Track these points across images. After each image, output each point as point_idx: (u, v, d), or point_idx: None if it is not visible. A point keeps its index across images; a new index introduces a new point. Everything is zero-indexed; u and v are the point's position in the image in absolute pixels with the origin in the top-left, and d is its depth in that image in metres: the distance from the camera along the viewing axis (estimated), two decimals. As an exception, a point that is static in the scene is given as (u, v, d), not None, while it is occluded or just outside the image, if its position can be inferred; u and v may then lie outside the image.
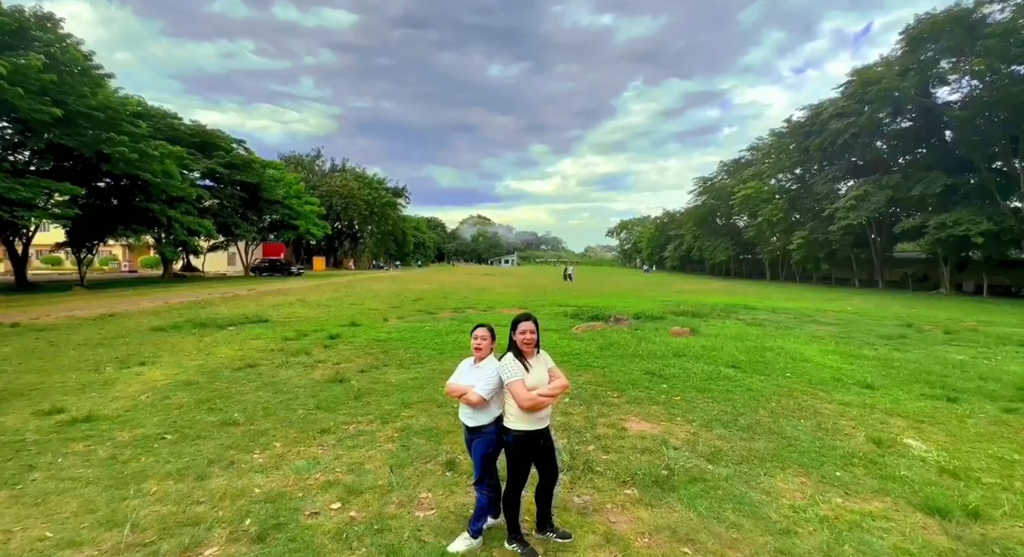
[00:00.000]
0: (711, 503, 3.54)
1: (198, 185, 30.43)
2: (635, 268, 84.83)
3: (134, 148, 20.69)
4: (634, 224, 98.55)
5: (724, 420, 5.33)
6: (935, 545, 3.02)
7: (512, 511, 3.02)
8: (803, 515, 3.38)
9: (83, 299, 17.84)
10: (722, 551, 2.99)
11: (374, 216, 61.53)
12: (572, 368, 7.52)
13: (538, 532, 3.15)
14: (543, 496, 3.13)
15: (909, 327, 13.34)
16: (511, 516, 3.02)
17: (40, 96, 17.02)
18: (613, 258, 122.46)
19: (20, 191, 16.50)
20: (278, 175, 39.68)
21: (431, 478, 3.91)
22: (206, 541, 2.99)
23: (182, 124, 30.61)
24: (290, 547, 2.91)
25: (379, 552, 2.90)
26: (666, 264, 71.41)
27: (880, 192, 30.53)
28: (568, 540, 3.05)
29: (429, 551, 2.95)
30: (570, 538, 3.07)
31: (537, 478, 3.10)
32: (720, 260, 53.80)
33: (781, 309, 17.54)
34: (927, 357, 8.97)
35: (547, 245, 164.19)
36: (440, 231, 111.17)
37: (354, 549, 2.92)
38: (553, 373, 3.05)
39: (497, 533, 3.13)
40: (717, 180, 54.30)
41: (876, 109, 30.16)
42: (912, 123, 31.54)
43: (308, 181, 52.20)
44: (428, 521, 3.29)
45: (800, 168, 41.69)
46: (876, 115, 30.59)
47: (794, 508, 3.47)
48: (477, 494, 3.07)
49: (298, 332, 10.67)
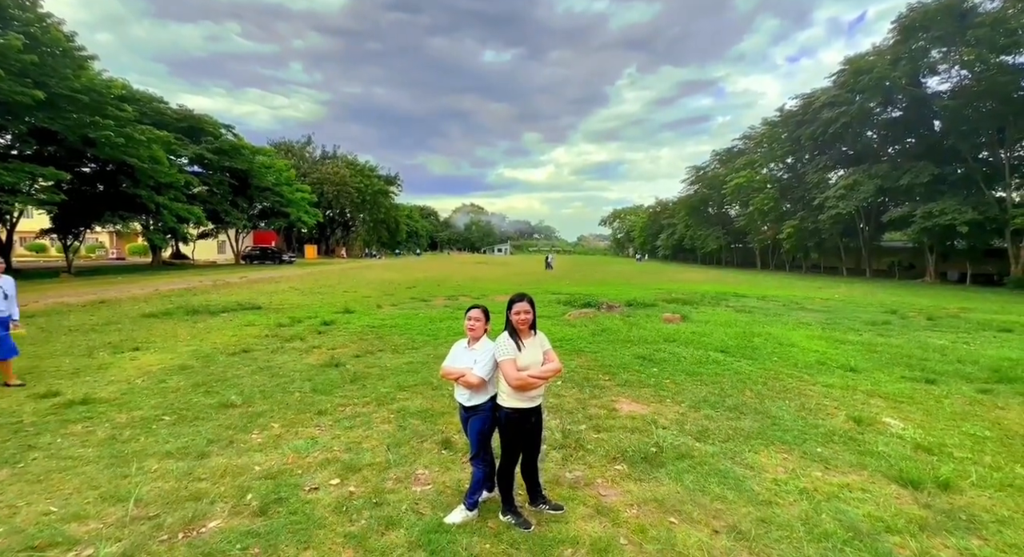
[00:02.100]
0: (697, 477, 3.69)
1: (186, 171, 29.95)
2: (628, 257, 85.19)
3: (120, 132, 20.28)
4: (627, 213, 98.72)
5: (712, 401, 5.49)
6: (906, 513, 3.19)
7: (506, 485, 3.14)
8: (784, 488, 3.54)
9: (71, 286, 17.63)
10: (707, 520, 3.13)
11: (366, 204, 60.99)
12: (565, 353, 7.65)
13: (531, 505, 3.27)
14: (528, 471, 3.26)
15: (893, 314, 13.65)
16: (505, 490, 3.14)
17: (21, 78, 16.58)
18: (606, 247, 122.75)
19: (3, 176, 16.17)
20: (268, 162, 39.11)
21: (427, 456, 4.01)
22: (209, 514, 3.07)
23: (169, 108, 29.99)
24: (291, 519, 3.00)
25: (378, 524, 3.00)
26: (658, 253, 71.82)
27: (869, 181, 30.86)
28: (560, 512, 3.18)
29: (426, 522, 3.06)
30: (562, 510, 3.19)
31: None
32: (711, 249, 54.24)
33: (770, 297, 17.82)
34: (909, 342, 9.22)
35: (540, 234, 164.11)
36: (433, 220, 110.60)
37: (354, 521, 3.02)
38: (548, 356, 3.13)
39: (492, 506, 3.25)
40: (710, 169, 54.47)
41: (867, 98, 30.35)
42: (902, 113, 31.79)
43: (299, 168, 51.46)
44: (425, 495, 3.40)
45: (792, 157, 41.97)
46: (867, 104, 30.79)
47: (776, 482, 3.63)
48: (473, 469, 3.18)
49: (292, 318, 10.68)
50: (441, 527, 3.04)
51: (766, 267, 46.96)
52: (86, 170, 23.74)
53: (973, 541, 2.93)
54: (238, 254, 39.95)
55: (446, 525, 2.99)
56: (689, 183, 58.08)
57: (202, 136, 31.78)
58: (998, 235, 27.04)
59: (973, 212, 25.08)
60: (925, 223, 26.82)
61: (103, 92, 20.27)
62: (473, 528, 3.03)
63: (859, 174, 32.09)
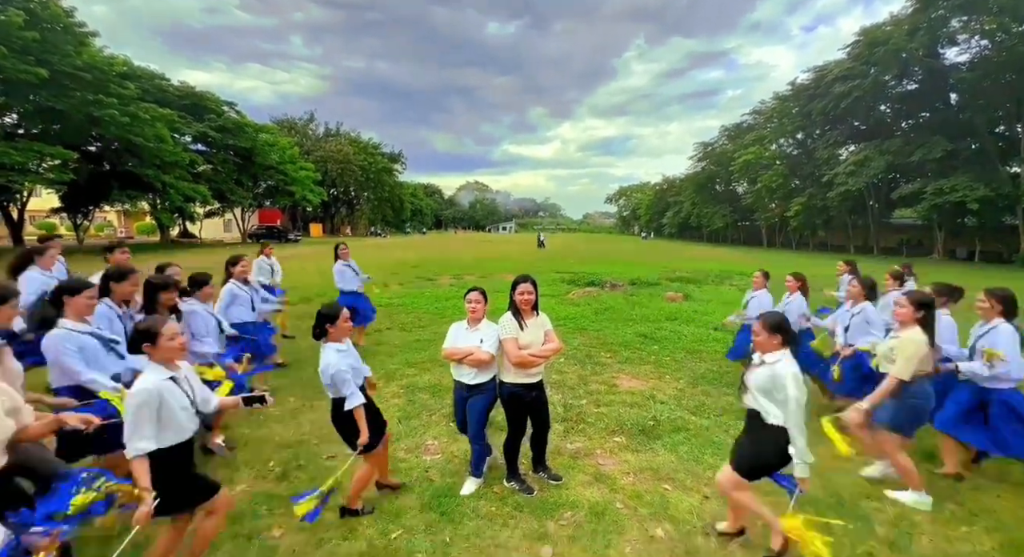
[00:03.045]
0: (692, 448, 3.90)
1: (191, 150, 29.91)
2: (634, 235, 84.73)
3: (124, 111, 20.25)
4: (633, 191, 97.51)
5: (710, 378, 5.67)
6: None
7: (511, 456, 3.36)
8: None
9: (86, 264, 17.90)
10: (699, 487, 3.35)
11: (370, 182, 60.62)
12: (568, 331, 7.84)
13: (534, 472, 3.50)
14: (538, 443, 3.47)
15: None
16: (510, 460, 3.36)
17: (23, 56, 16.50)
18: (612, 225, 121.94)
19: (13, 155, 16.31)
20: (271, 140, 38.90)
21: (436, 428, 4.25)
22: (236, 479, 3.32)
23: (170, 85, 29.76)
24: (313, 484, 3.23)
25: (391, 488, 3.25)
26: (664, 231, 71.30)
27: (880, 157, 30.31)
28: (559, 482, 3.41)
29: (436, 487, 3.31)
30: (560, 480, 3.42)
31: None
32: (718, 227, 53.78)
33: (774, 275, 17.84)
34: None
35: (545, 212, 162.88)
36: (437, 197, 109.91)
37: (370, 486, 3.26)
38: (548, 336, 3.28)
39: (497, 473, 3.47)
40: (718, 145, 53.48)
41: (882, 71, 29.48)
42: (918, 86, 30.90)
43: (302, 146, 51.09)
44: (435, 463, 3.65)
45: (802, 133, 41.08)
46: (882, 77, 29.93)
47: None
48: (475, 446, 3.34)
49: (301, 297, 10.91)
50: (451, 491, 3.28)
51: (772, 245, 46.65)
52: (92, 149, 23.79)
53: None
54: (244, 233, 40.20)
55: (461, 498, 3.19)
56: (696, 160, 57.14)
57: (205, 114, 31.58)
58: (1010, 212, 26.65)
59: (985, 189, 24.65)
60: (935, 200, 26.43)
61: (105, 69, 20.15)
62: (480, 493, 3.27)
63: (870, 150, 31.47)
